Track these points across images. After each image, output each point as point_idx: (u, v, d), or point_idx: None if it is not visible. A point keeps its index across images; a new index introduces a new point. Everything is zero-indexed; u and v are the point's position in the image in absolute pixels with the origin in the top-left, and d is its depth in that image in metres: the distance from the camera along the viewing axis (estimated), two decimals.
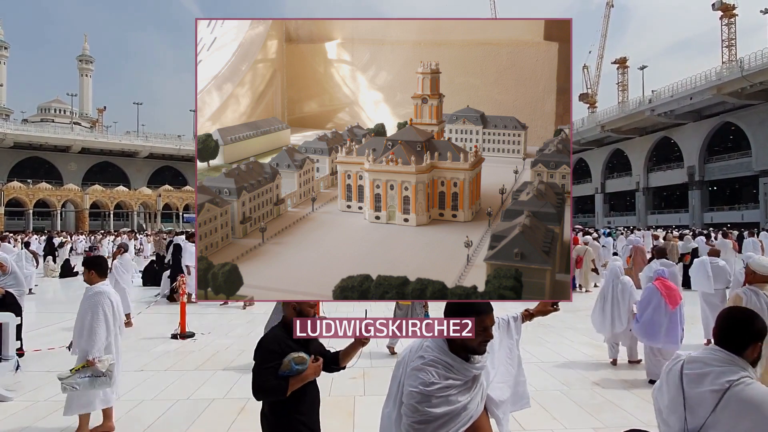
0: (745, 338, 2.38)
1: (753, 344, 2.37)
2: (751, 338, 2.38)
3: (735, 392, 2.24)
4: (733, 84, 46.37)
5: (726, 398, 2.26)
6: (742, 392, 2.23)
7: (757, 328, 2.39)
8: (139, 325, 10.81)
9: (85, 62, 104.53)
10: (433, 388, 2.32)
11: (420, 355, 2.46)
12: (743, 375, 2.29)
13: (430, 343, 2.49)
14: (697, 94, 50.42)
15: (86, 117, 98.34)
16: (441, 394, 2.32)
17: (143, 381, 7.12)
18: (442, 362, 2.40)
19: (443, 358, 2.41)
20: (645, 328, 7.12)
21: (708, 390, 2.33)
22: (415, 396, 2.32)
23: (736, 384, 2.26)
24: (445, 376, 2.36)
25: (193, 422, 5.64)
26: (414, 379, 2.37)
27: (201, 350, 8.92)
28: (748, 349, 2.37)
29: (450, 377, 2.37)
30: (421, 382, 2.34)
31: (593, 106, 78.70)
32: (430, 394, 2.31)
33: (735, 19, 60.63)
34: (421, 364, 2.40)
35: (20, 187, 62.93)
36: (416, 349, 2.56)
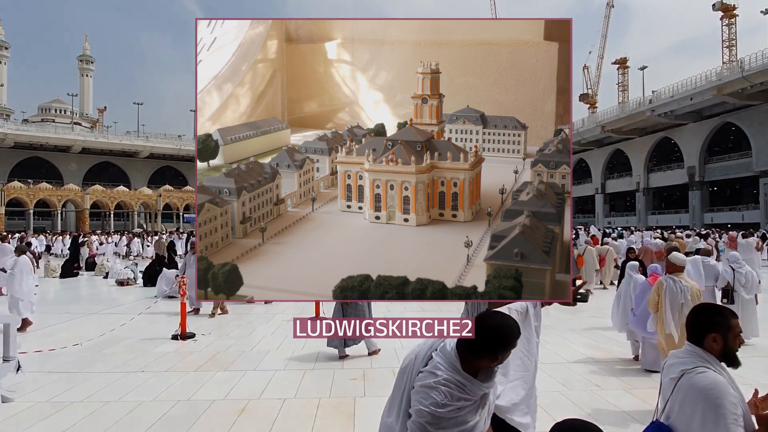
0: (700, 330, 2.54)
1: (708, 335, 2.50)
2: (705, 330, 2.52)
3: (685, 380, 2.40)
4: (733, 84, 46.42)
5: (678, 386, 2.44)
6: (691, 380, 2.38)
7: (712, 321, 2.53)
8: (139, 326, 10.80)
9: (85, 62, 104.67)
10: (445, 410, 2.24)
11: (431, 371, 2.35)
12: (699, 364, 2.43)
13: (441, 360, 2.37)
14: (698, 95, 50.45)
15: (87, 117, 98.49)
16: (452, 416, 2.26)
17: (143, 382, 7.11)
18: (455, 382, 2.30)
19: (456, 378, 2.31)
20: (639, 320, 7.54)
21: (668, 378, 2.54)
22: (425, 416, 2.26)
23: (688, 372, 2.41)
24: (458, 396, 2.28)
25: (194, 423, 5.62)
26: (425, 398, 2.29)
27: (201, 351, 8.91)
28: (705, 339, 2.51)
29: (462, 397, 2.29)
30: (433, 402, 2.26)
31: (593, 107, 78.75)
32: (441, 416, 2.24)
33: (735, 20, 60.68)
34: (433, 383, 2.30)
35: (21, 187, 62.94)
36: (423, 357, 2.46)
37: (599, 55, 79.85)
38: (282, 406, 6.14)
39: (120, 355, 8.63)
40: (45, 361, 8.11)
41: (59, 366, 7.86)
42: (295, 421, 5.67)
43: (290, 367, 7.90)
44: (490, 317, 2.38)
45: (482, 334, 2.31)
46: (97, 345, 9.25)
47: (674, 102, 53.65)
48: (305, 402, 6.28)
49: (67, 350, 8.82)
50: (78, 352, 8.75)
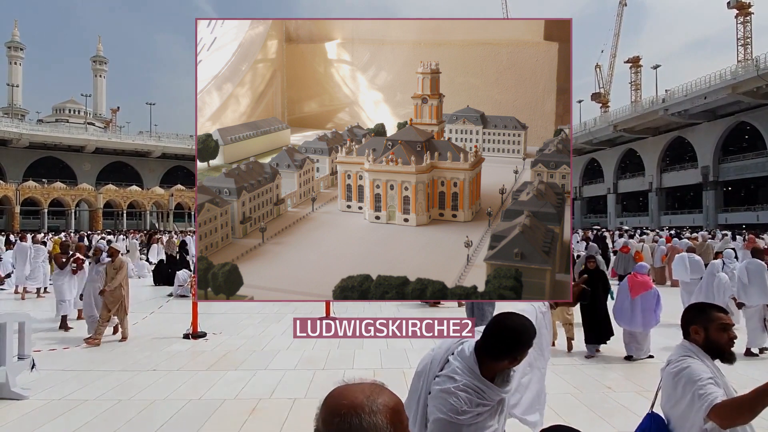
0: (685, 324, 2.71)
1: (690, 327, 2.67)
2: (688, 323, 2.69)
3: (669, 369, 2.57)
4: (748, 83, 45.65)
5: (663, 375, 2.63)
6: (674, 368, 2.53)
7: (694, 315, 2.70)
8: (151, 325, 10.84)
9: (99, 63, 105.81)
10: (464, 417, 2.20)
11: (450, 376, 2.31)
12: (682, 355, 2.57)
13: (459, 364, 2.32)
14: (712, 94, 49.68)
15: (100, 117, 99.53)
16: (472, 422, 2.22)
17: (155, 381, 7.14)
18: (474, 387, 2.26)
19: (475, 383, 2.26)
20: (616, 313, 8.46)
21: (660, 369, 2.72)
22: (444, 423, 2.22)
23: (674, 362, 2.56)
24: (477, 402, 2.24)
25: (205, 423, 5.62)
26: (444, 404, 2.24)
27: (213, 350, 8.92)
28: (689, 331, 2.67)
29: (481, 403, 2.25)
30: (452, 408, 2.21)
31: (606, 106, 77.98)
32: (461, 423, 2.20)
33: (751, 18, 59.70)
34: (452, 388, 2.25)
35: (35, 186, 63.82)
36: (439, 360, 2.41)
37: (612, 54, 79.05)
38: (292, 405, 6.13)
39: (132, 353, 8.69)
40: (58, 360, 8.19)
41: (72, 364, 7.93)
42: (306, 421, 5.62)
43: (301, 366, 7.89)
44: (507, 318, 2.34)
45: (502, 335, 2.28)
46: (109, 344, 9.33)
47: (688, 101, 52.88)
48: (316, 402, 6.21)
49: (80, 349, 8.92)
50: (91, 351, 8.84)
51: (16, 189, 61.71)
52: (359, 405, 1.23)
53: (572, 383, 7.02)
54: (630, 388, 6.83)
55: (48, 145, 72.09)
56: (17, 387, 6.35)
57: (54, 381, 7.02)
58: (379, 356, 8.39)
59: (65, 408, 6.02)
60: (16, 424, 5.56)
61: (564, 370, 7.59)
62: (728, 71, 48.96)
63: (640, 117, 60.45)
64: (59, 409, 6.01)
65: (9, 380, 6.20)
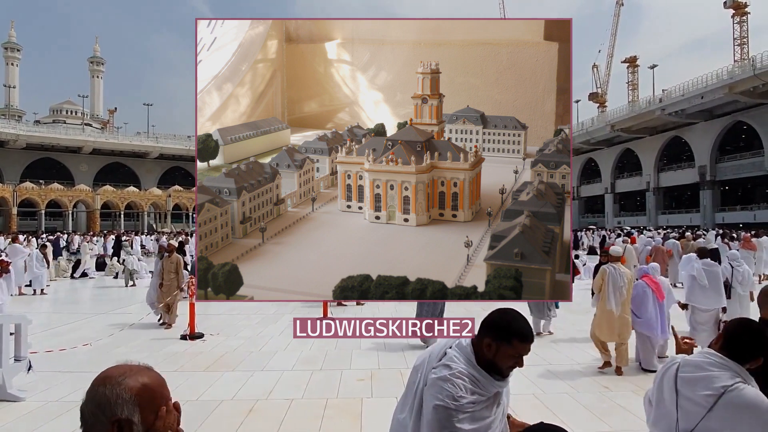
0: (754, 351, 2.45)
1: (756, 359, 2.45)
2: (760, 352, 2.45)
3: (730, 397, 2.29)
4: (745, 83, 45.76)
5: (720, 403, 2.31)
6: (737, 397, 2.28)
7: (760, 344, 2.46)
8: (148, 326, 10.83)
9: (96, 64, 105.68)
10: (461, 403, 2.19)
11: (446, 364, 2.30)
12: (737, 381, 2.34)
13: (456, 353, 2.33)
14: (709, 93, 49.79)
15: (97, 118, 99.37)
16: (469, 409, 2.21)
17: None
18: (470, 375, 2.25)
19: (470, 371, 2.26)
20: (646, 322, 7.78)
21: (702, 394, 2.37)
22: (441, 410, 2.20)
23: (730, 389, 2.30)
24: (471, 390, 2.23)
25: (202, 424, 5.59)
26: (439, 391, 2.23)
27: (210, 351, 8.89)
28: (750, 361, 2.44)
29: (476, 392, 2.24)
30: (448, 395, 2.20)
31: (603, 106, 78.10)
32: (457, 408, 2.18)
33: (747, 18, 59.91)
34: (448, 375, 2.24)
35: (32, 187, 63.53)
36: (437, 353, 2.41)
37: (609, 54, 79.18)
38: (290, 406, 6.11)
39: (129, 354, 8.63)
40: (55, 361, 8.16)
41: (69, 366, 7.87)
42: (303, 422, 5.64)
43: (298, 367, 7.87)
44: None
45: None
46: (106, 345, 9.28)
47: (685, 101, 52.99)
48: (313, 402, 6.25)
49: (77, 350, 8.88)
50: (88, 352, 8.79)
51: (13, 190, 61.43)
52: (109, 377, 1.43)
53: (569, 383, 7.03)
54: (626, 388, 6.83)
55: (45, 146, 71.83)
56: (14, 389, 6.32)
57: (51, 383, 6.97)
58: (376, 356, 8.39)
59: (62, 410, 5.97)
60: (12, 426, 5.52)
61: (560, 371, 7.61)
62: (725, 71, 49.07)
63: (637, 117, 60.58)
64: (56, 410, 5.96)
65: (5, 382, 6.17)
